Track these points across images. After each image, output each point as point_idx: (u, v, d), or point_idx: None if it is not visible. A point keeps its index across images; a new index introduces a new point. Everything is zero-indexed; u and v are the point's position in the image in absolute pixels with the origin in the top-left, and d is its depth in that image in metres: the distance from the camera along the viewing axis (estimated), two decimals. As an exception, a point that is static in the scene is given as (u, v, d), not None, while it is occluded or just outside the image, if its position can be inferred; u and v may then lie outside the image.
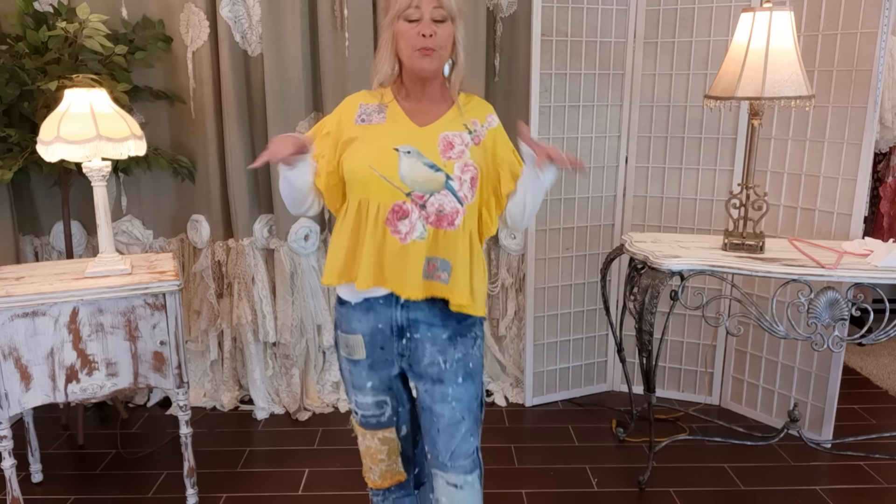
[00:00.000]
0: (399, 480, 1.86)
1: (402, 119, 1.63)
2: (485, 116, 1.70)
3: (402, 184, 1.57)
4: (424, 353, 1.66)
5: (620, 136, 2.98)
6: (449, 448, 1.70)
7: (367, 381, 1.71)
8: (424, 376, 1.68)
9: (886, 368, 3.44)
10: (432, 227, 1.59)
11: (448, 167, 1.59)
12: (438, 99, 1.67)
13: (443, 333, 1.65)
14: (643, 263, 2.35)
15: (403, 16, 1.55)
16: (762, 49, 2.19)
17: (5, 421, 2.06)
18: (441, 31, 1.56)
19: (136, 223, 3.00)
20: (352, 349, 1.70)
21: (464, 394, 1.68)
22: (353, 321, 1.67)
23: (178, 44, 2.82)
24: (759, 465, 2.59)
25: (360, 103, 1.68)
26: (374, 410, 1.75)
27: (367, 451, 1.82)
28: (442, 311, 1.65)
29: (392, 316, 1.65)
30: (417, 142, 1.60)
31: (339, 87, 2.82)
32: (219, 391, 3.09)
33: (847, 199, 2.55)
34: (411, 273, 1.58)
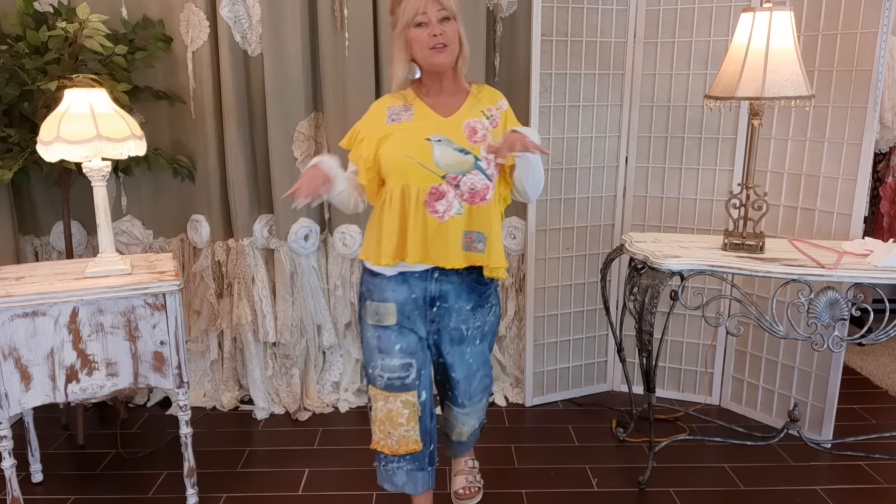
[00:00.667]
0: (414, 450, 1.99)
1: (429, 113, 1.88)
2: (496, 101, 1.95)
3: (436, 168, 1.81)
4: (451, 320, 1.96)
5: (620, 136, 2.98)
6: (467, 393, 2.05)
7: (396, 343, 1.93)
8: (448, 338, 1.98)
9: (886, 368, 3.44)
10: (467, 203, 1.83)
11: (475, 150, 1.83)
12: (454, 92, 1.90)
13: (466, 305, 1.95)
14: (643, 263, 2.35)
15: (413, 23, 1.79)
16: (762, 49, 2.19)
17: (5, 421, 2.06)
18: (448, 29, 1.80)
19: (136, 223, 3.00)
20: (382, 316, 1.93)
21: (479, 352, 2.03)
22: (387, 291, 1.91)
23: (178, 44, 2.82)
24: (759, 465, 2.59)
25: (387, 106, 1.91)
26: (400, 372, 1.94)
27: (389, 414, 1.97)
28: (469, 285, 1.94)
29: (426, 288, 1.91)
30: (445, 131, 1.84)
31: (339, 87, 2.83)
32: (219, 391, 3.09)
33: (847, 199, 2.55)
34: (452, 246, 1.83)
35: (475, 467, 2.43)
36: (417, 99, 1.90)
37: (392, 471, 2.03)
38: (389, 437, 1.98)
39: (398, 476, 2.03)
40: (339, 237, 2.95)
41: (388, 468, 2.03)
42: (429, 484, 2.06)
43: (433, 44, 1.78)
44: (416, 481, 2.03)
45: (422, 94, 1.90)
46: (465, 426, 2.15)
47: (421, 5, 1.77)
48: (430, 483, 2.07)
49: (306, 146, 2.90)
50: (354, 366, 3.14)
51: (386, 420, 1.97)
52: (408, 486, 2.03)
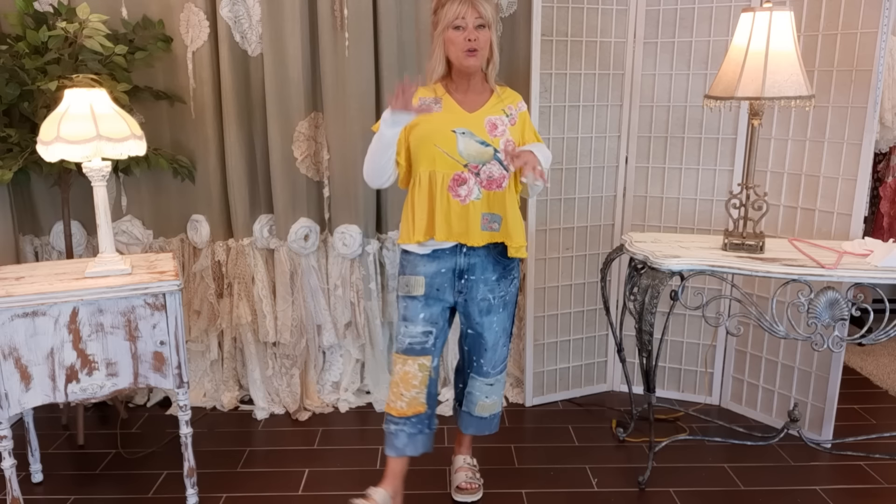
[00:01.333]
0: (420, 411, 2.22)
1: (456, 108, 2.11)
2: (517, 103, 2.18)
3: (460, 157, 2.06)
4: (478, 291, 2.18)
5: (620, 136, 2.98)
6: (492, 361, 2.27)
7: (421, 312, 2.18)
8: (477, 308, 2.20)
9: (886, 368, 3.44)
10: (485, 189, 2.09)
11: (495, 143, 2.08)
12: (480, 91, 2.14)
13: (492, 276, 2.18)
14: (643, 263, 2.35)
15: (452, 25, 2.01)
16: (762, 49, 2.19)
17: (5, 421, 2.06)
18: (482, 36, 2.03)
19: (136, 223, 3.00)
20: (412, 287, 2.17)
21: (504, 320, 2.25)
22: (420, 266, 2.16)
23: (178, 44, 2.82)
24: (759, 465, 2.59)
25: (419, 97, 2.10)
26: (421, 338, 2.19)
27: (405, 376, 2.20)
28: (494, 259, 2.17)
29: (456, 262, 2.15)
30: (469, 125, 2.08)
31: (339, 87, 2.82)
32: (219, 391, 3.09)
33: (847, 199, 2.55)
34: (473, 226, 2.09)
35: (475, 466, 2.45)
36: (447, 94, 2.12)
37: (395, 433, 2.23)
38: (401, 398, 2.20)
39: (399, 438, 2.22)
40: (339, 237, 2.95)
41: (392, 430, 2.23)
42: (427, 447, 2.28)
43: (467, 47, 2.01)
44: (416, 443, 2.24)
45: (451, 90, 2.13)
46: (489, 399, 2.32)
47: (462, 11, 1.99)
48: (428, 446, 2.28)
49: (306, 146, 2.90)
50: (354, 366, 3.14)
51: (401, 382, 2.20)
52: (409, 447, 2.23)
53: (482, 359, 2.27)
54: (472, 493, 2.35)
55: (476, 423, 2.38)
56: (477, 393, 2.32)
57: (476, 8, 2.00)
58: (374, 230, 3.02)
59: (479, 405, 2.33)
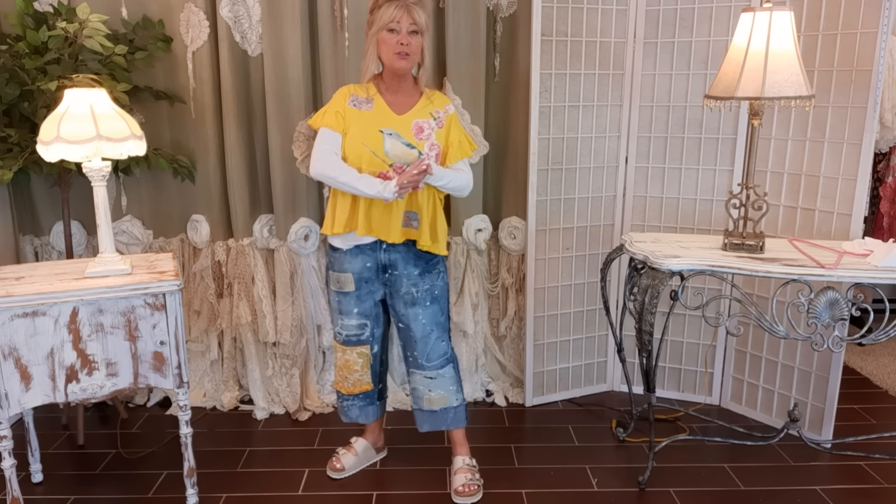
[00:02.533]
0: (366, 389, 2.46)
1: (385, 109, 2.20)
2: (444, 106, 2.27)
3: (385, 157, 2.16)
4: (402, 285, 2.29)
5: (620, 136, 2.98)
6: (424, 352, 2.34)
7: (354, 307, 2.33)
8: (402, 301, 2.30)
9: (886, 368, 3.44)
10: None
11: (420, 145, 2.18)
12: (410, 93, 2.24)
13: (414, 271, 2.28)
14: (643, 263, 2.35)
15: (386, 27, 2.10)
16: (762, 49, 2.19)
17: (5, 421, 2.06)
18: (414, 42, 2.12)
19: (136, 223, 3.00)
20: (343, 283, 2.30)
21: (432, 313, 2.32)
22: (346, 262, 2.28)
23: (178, 44, 2.82)
24: (759, 465, 2.59)
25: (351, 93, 2.22)
26: (356, 331, 2.36)
27: (346, 364, 2.42)
28: (415, 254, 2.27)
29: (377, 257, 2.27)
30: (397, 126, 2.17)
31: (338, 86, 2.81)
32: (219, 391, 3.09)
33: (847, 199, 2.55)
34: (394, 223, 2.19)
35: (474, 466, 2.45)
36: (378, 94, 2.21)
37: (347, 407, 2.50)
38: (346, 380, 2.44)
39: (352, 411, 2.50)
40: (339, 237, 2.95)
41: (344, 405, 2.51)
42: (378, 414, 2.55)
43: (398, 50, 2.11)
44: (367, 413, 2.51)
45: (382, 90, 2.22)
46: (434, 393, 2.38)
47: (397, 15, 2.08)
48: (379, 413, 2.55)
49: (306, 146, 2.90)
50: (354, 366, 3.14)
51: (343, 368, 2.43)
52: (360, 417, 2.51)
53: (415, 351, 2.35)
54: (470, 496, 2.35)
55: (428, 418, 2.43)
56: (420, 388, 2.39)
57: (411, 14, 2.09)
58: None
59: (426, 399, 2.40)
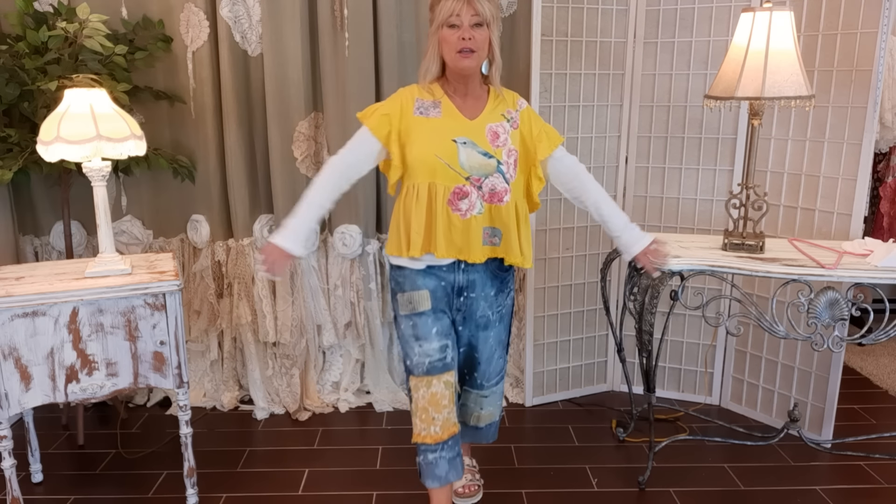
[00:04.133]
0: (454, 432, 2.06)
1: (456, 114, 1.96)
2: (515, 102, 2.03)
3: (461, 169, 1.92)
4: (478, 308, 2.08)
5: (620, 136, 2.98)
6: (486, 374, 2.16)
7: (433, 327, 2.02)
8: (474, 324, 2.10)
9: (886, 368, 3.44)
10: (487, 203, 1.95)
11: (498, 154, 1.95)
12: (479, 94, 1.99)
13: (492, 291, 2.08)
14: (643, 263, 2.35)
15: (446, 23, 1.85)
16: (762, 49, 2.19)
17: (5, 421, 2.06)
18: (478, 35, 1.86)
19: (136, 223, 3.00)
20: (417, 303, 2.01)
21: (501, 332, 2.15)
22: (419, 279, 2.00)
23: (178, 44, 2.82)
24: (759, 465, 2.59)
25: (416, 97, 1.97)
26: (439, 354, 2.02)
27: (433, 398, 2.01)
28: (492, 273, 2.06)
29: (455, 279, 2.02)
30: (470, 133, 1.93)
31: (339, 87, 2.82)
32: (219, 391, 3.09)
33: (847, 199, 2.55)
34: (475, 242, 1.96)
35: (475, 466, 2.44)
36: (445, 97, 1.97)
37: (434, 462, 2.03)
38: (434, 422, 2.01)
39: (440, 466, 2.03)
40: (339, 237, 2.95)
41: (428, 459, 2.03)
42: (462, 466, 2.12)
43: (461, 47, 1.85)
44: (457, 467, 2.07)
45: (449, 93, 1.98)
46: (484, 410, 2.22)
47: (456, 7, 1.84)
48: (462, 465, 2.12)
49: (306, 146, 2.90)
50: (354, 366, 3.14)
51: (430, 406, 2.01)
52: (451, 473, 2.05)
53: (475, 372, 2.17)
54: (470, 497, 2.34)
55: (471, 433, 2.29)
56: (471, 405, 2.22)
57: (473, 4, 1.83)
58: (374, 230, 3.02)
59: (474, 416, 2.23)
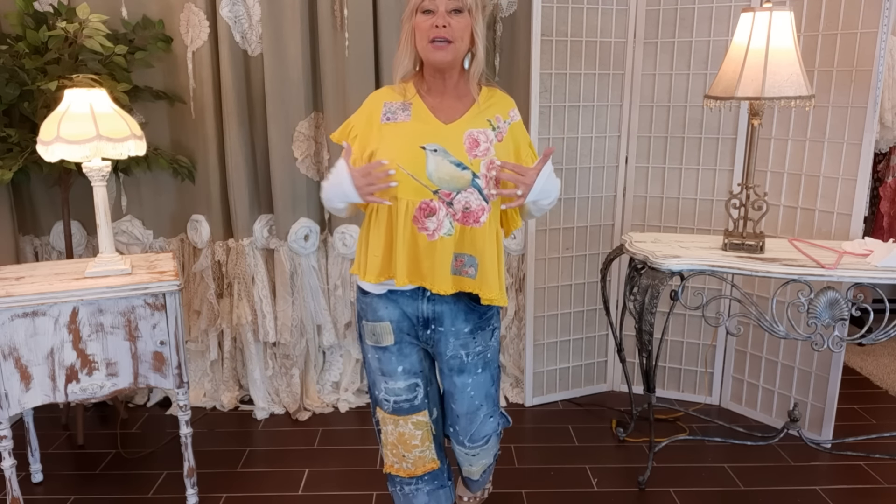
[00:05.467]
0: (432, 468, 1.86)
1: (427, 116, 1.66)
2: (507, 112, 1.72)
3: (429, 182, 1.60)
4: (448, 346, 1.74)
5: (620, 136, 2.98)
6: (468, 431, 1.82)
7: (398, 365, 1.76)
8: (445, 366, 1.78)
9: (886, 368, 3.44)
10: (459, 223, 1.63)
11: (474, 165, 1.62)
12: (461, 94, 1.68)
13: (465, 328, 1.73)
14: (643, 263, 2.35)
15: (420, 8, 1.58)
16: (762, 49, 2.19)
17: (5, 421, 2.06)
18: (456, 23, 1.57)
19: (136, 223, 3.00)
20: (379, 336, 1.75)
21: (482, 382, 1.79)
22: (380, 309, 1.73)
23: (178, 44, 2.82)
24: (759, 465, 2.59)
25: (384, 101, 1.69)
26: (406, 395, 1.78)
27: (401, 438, 1.81)
28: (466, 305, 1.73)
29: (419, 307, 1.71)
30: (443, 139, 1.62)
31: (339, 87, 2.82)
32: (219, 391, 3.09)
33: (847, 199, 2.55)
34: (440, 268, 1.63)
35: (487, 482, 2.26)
36: (417, 97, 1.68)
37: (412, 493, 1.87)
38: (404, 460, 1.83)
39: (418, 498, 1.88)
40: (339, 237, 2.95)
41: (405, 491, 1.88)
42: (451, 499, 1.95)
43: (434, 35, 1.57)
44: (439, 498, 1.90)
45: (423, 92, 1.68)
46: (474, 466, 1.93)
47: None
48: (451, 498, 1.95)
49: (306, 146, 2.90)
50: (354, 366, 3.14)
51: (399, 444, 1.82)
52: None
53: (456, 426, 1.84)
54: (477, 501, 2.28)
55: (468, 483, 2.07)
56: (460, 458, 1.93)
57: None
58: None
59: (465, 469, 1.97)
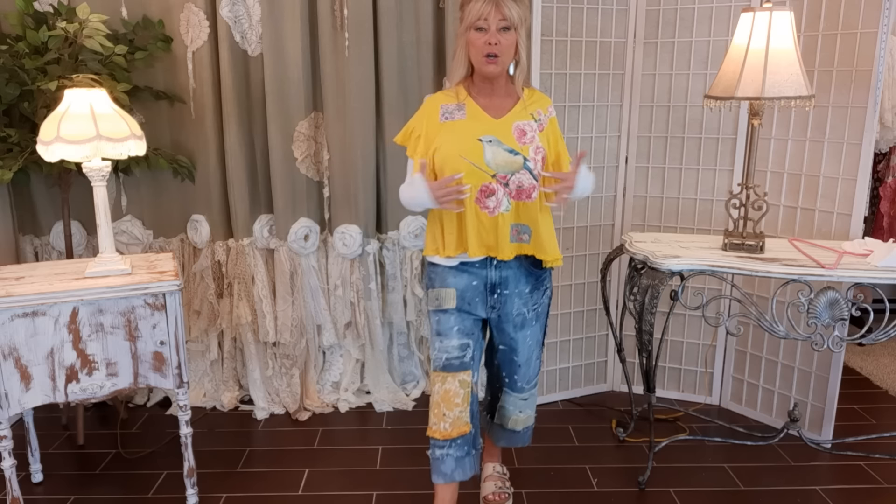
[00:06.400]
0: (465, 432, 2.09)
1: (480, 114, 1.98)
2: (546, 107, 2.05)
3: (487, 168, 1.93)
4: (513, 305, 2.08)
5: (620, 136, 2.98)
6: (526, 376, 2.17)
7: (455, 325, 2.06)
8: (511, 324, 2.10)
9: (886, 368, 3.44)
10: (514, 200, 1.96)
11: (524, 150, 1.96)
12: (505, 94, 2.01)
13: (526, 289, 2.08)
14: (643, 263, 2.35)
15: (474, 26, 1.88)
16: (762, 49, 2.19)
17: (5, 421, 2.06)
18: (504, 40, 1.89)
19: (136, 223, 3.00)
20: (442, 300, 2.06)
21: (537, 332, 2.15)
22: (449, 278, 2.05)
23: (178, 44, 2.82)
24: (759, 465, 2.59)
25: (440, 104, 2.01)
26: (457, 353, 2.06)
27: (446, 395, 2.07)
28: (526, 270, 2.07)
29: (487, 275, 2.04)
30: (496, 132, 1.95)
31: (339, 87, 2.83)
32: (219, 391, 3.09)
33: (847, 199, 2.55)
34: (502, 239, 1.97)
35: (505, 474, 2.42)
36: (469, 98, 1.99)
37: (441, 458, 2.09)
38: (444, 419, 2.06)
39: (446, 464, 2.09)
40: (339, 237, 2.96)
41: (437, 455, 2.10)
42: (475, 468, 2.15)
43: (487, 52, 1.88)
44: (464, 467, 2.11)
45: (474, 94, 2.00)
46: (523, 413, 2.23)
47: (484, 11, 1.86)
48: (476, 468, 2.16)
49: (306, 146, 2.90)
50: (354, 366, 3.14)
51: (443, 401, 2.06)
52: (457, 472, 2.10)
53: (515, 375, 2.17)
54: None
55: (509, 436, 2.31)
56: (510, 408, 2.23)
57: (500, 9, 1.85)
58: (374, 230, 3.02)
59: (513, 420, 2.25)
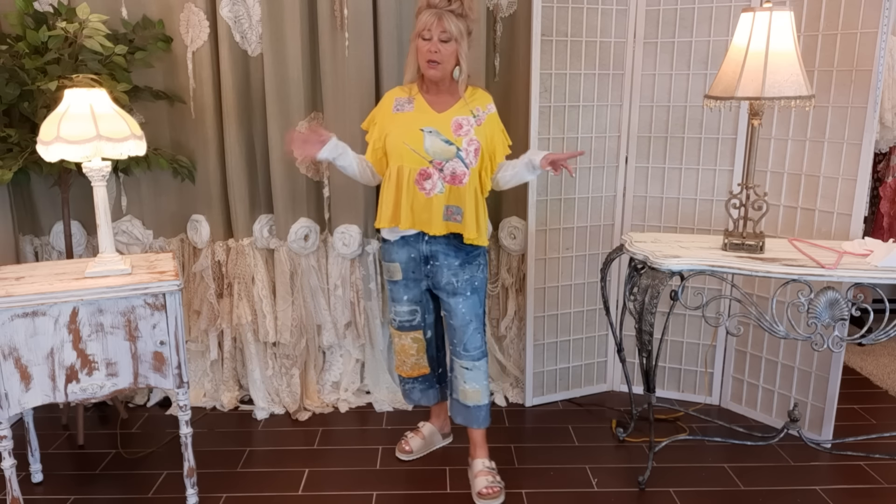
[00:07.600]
0: (423, 373, 2.59)
1: (426, 108, 2.30)
2: (486, 105, 2.34)
3: (425, 154, 2.25)
4: (443, 275, 2.37)
5: (620, 136, 2.98)
6: (462, 341, 2.40)
7: (404, 294, 2.45)
8: (444, 291, 2.39)
9: (886, 368, 3.44)
10: (448, 184, 2.27)
11: (458, 142, 2.26)
12: (449, 93, 2.32)
13: (455, 261, 2.35)
14: (643, 263, 2.35)
15: (420, 35, 2.19)
16: (762, 49, 2.19)
17: (5, 421, 2.06)
18: (444, 49, 2.19)
19: (136, 223, 3.00)
20: (392, 273, 2.44)
21: (472, 304, 2.39)
22: (393, 253, 2.40)
23: (178, 44, 2.82)
24: (759, 465, 2.59)
25: (395, 97, 2.35)
26: (407, 317, 2.48)
27: (402, 348, 2.55)
28: (455, 246, 2.35)
29: (420, 248, 2.37)
30: (437, 124, 2.26)
31: (339, 87, 2.83)
32: (219, 391, 3.09)
33: (847, 199, 2.55)
34: (435, 217, 2.27)
35: (494, 468, 2.45)
36: (419, 94, 2.31)
37: (409, 390, 2.64)
38: (404, 364, 2.57)
39: (414, 393, 2.64)
40: (339, 237, 2.96)
41: (406, 388, 2.65)
42: (439, 397, 2.67)
43: (429, 58, 2.20)
44: (428, 396, 2.65)
45: (423, 91, 2.32)
46: (468, 385, 2.43)
47: (428, 23, 2.16)
48: (440, 396, 2.67)
49: (306, 146, 2.90)
50: (354, 366, 3.14)
51: (400, 352, 2.56)
52: (423, 400, 2.66)
53: (454, 339, 2.42)
54: (493, 498, 2.34)
55: (462, 411, 2.48)
56: (458, 377, 2.45)
57: (442, 22, 2.15)
58: (374, 230, 3.02)
59: (461, 391, 2.45)
